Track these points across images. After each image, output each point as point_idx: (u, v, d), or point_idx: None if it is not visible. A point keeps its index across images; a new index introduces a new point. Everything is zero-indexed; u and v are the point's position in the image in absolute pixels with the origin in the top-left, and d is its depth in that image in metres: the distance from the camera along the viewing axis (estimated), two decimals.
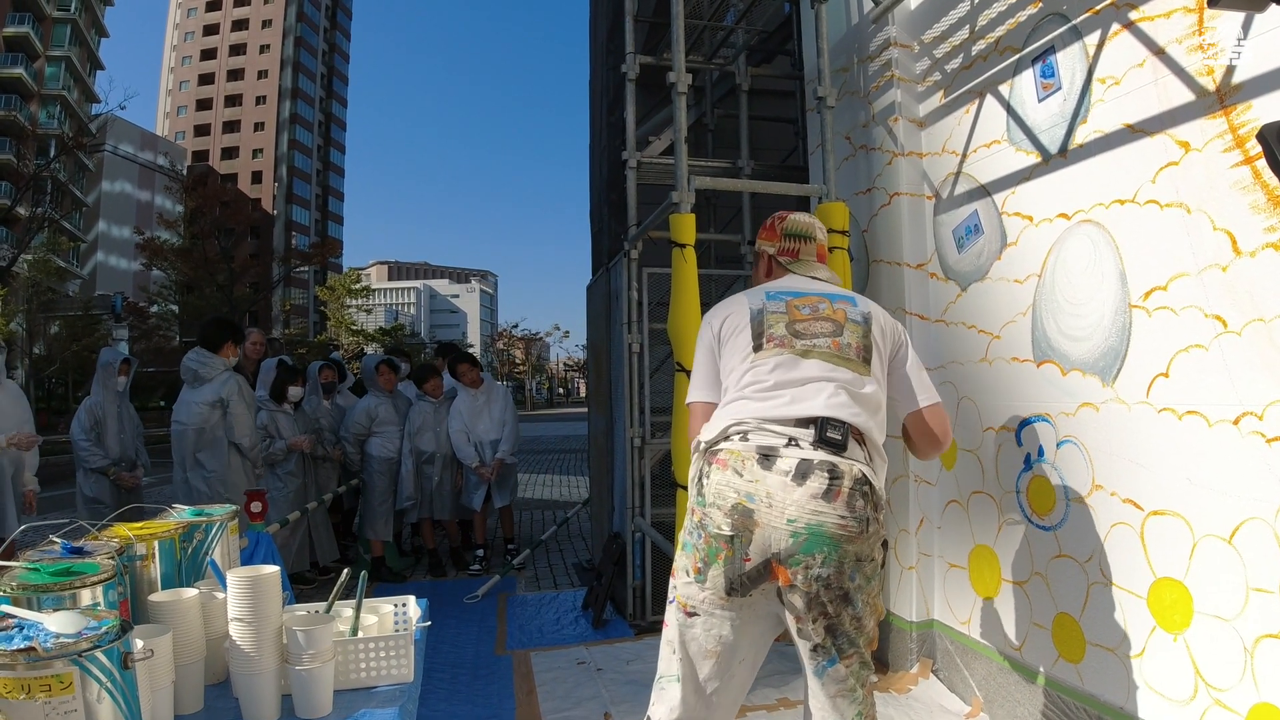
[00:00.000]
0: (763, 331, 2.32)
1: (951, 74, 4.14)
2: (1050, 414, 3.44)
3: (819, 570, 2.03)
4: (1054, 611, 3.43)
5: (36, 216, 30.76)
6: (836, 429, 2.11)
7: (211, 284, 39.36)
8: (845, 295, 2.49)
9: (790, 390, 2.19)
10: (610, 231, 6.77)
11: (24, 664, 1.30)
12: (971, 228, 3.96)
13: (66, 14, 49.96)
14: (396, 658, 1.90)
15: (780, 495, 2.04)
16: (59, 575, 1.65)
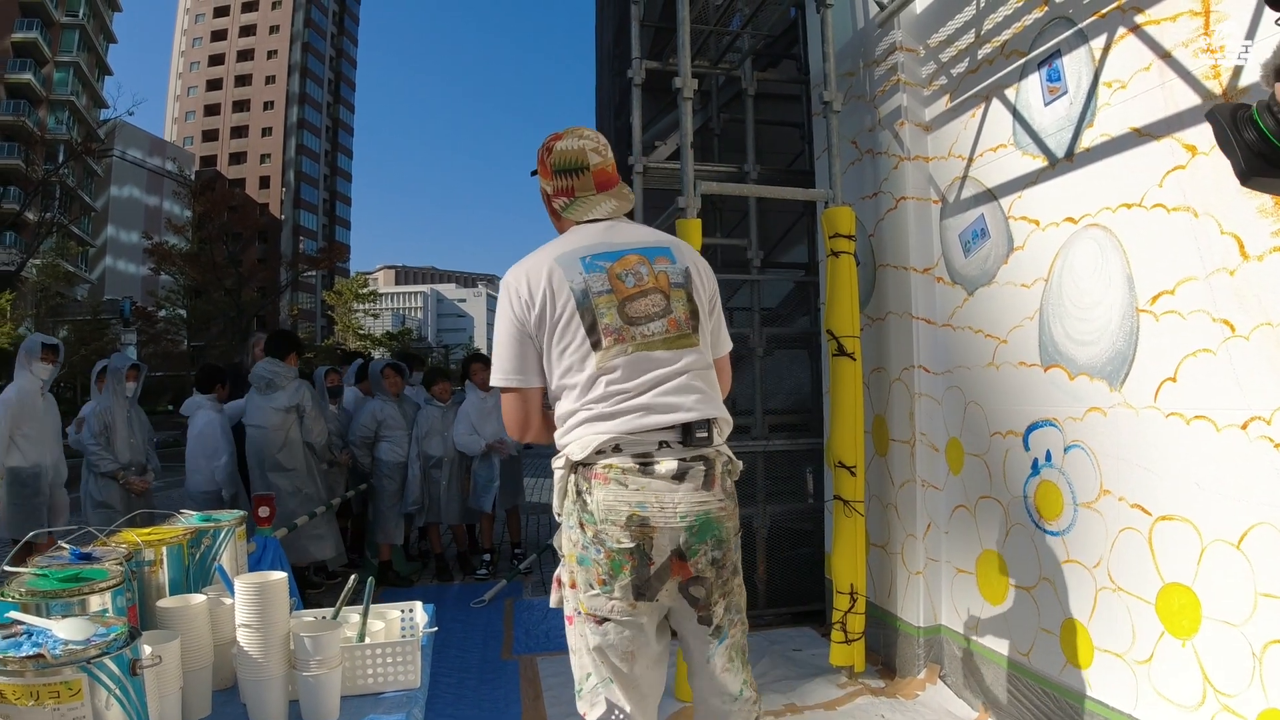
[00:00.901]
0: (595, 322, 2.20)
1: (957, 78, 4.14)
2: (1058, 419, 3.44)
3: (713, 553, 2.15)
4: (1062, 617, 3.42)
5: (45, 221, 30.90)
6: (701, 427, 2.18)
7: (220, 288, 39.44)
8: (657, 248, 2.34)
9: (647, 396, 2.17)
10: None
11: (32, 670, 1.31)
12: (978, 232, 3.96)
13: (75, 20, 50.10)
14: (404, 663, 1.90)
15: (668, 497, 2.10)
16: (67, 581, 1.66)
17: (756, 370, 5.76)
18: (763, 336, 5.75)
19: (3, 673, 1.31)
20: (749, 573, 5.51)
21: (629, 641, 2.17)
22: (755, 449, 5.61)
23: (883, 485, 4.60)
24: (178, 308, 42.66)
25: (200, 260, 39.96)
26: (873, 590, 4.61)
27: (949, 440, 4.22)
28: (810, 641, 5.08)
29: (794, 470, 5.92)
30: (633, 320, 2.20)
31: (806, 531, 5.76)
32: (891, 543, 4.53)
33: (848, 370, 4.28)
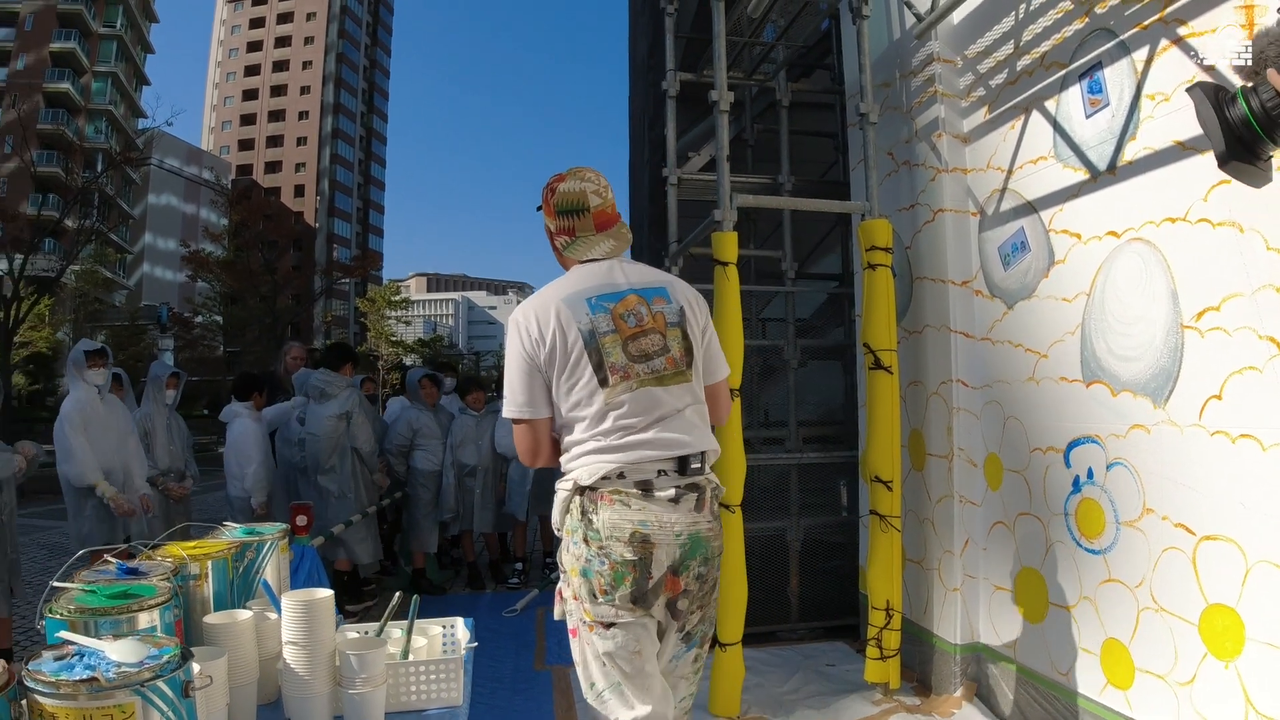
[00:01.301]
0: (602, 360, 2.38)
1: (996, 89, 4.11)
2: (1100, 435, 3.39)
3: (700, 569, 2.37)
4: (1102, 637, 3.37)
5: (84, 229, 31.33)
6: (695, 459, 2.40)
7: (255, 295, 39.76)
8: (655, 289, 2.51)
9: (651, 432, 2.36)
10: (651, 247, 6.78)
11: (86, 694, 1.31)
12: (1018, 245, 3.91)
13: (113, 30, 50.87)
14: (447, 681, 1.91)
15: (666, 517, 2.32)
16: (116, 598, 1.67)
17: (790, 382, 5.73)
18: (797, 348, 5.72)
19: (55, 696, 1.32)
20: (782, 585, 5.49)
21: (635, 641, 2.34)
22: (789, 461, 5.58)
23: (919, 500, 4.55)
24: (214, 314, 43.12)
25: (236, 267, 40.35)
26: (908, 606, 4.56)
27: (987, 455, 4.18)
28: (844, 657, 5.04)
29: (827, 483, 5.88)
30: (635, 358, 2.39)
31: (839, 544, 5.72)
32: (928, 559, 4.48)
33: (885, 384, 4.25)
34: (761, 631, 5.17)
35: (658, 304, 2.47)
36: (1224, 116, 2.63)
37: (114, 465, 5.36)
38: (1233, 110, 2.61)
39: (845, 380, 6.08)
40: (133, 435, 5.58)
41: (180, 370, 6.48)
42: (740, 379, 4.11)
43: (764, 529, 5.48)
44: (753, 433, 5.47)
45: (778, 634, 5.44)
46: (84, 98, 48.21)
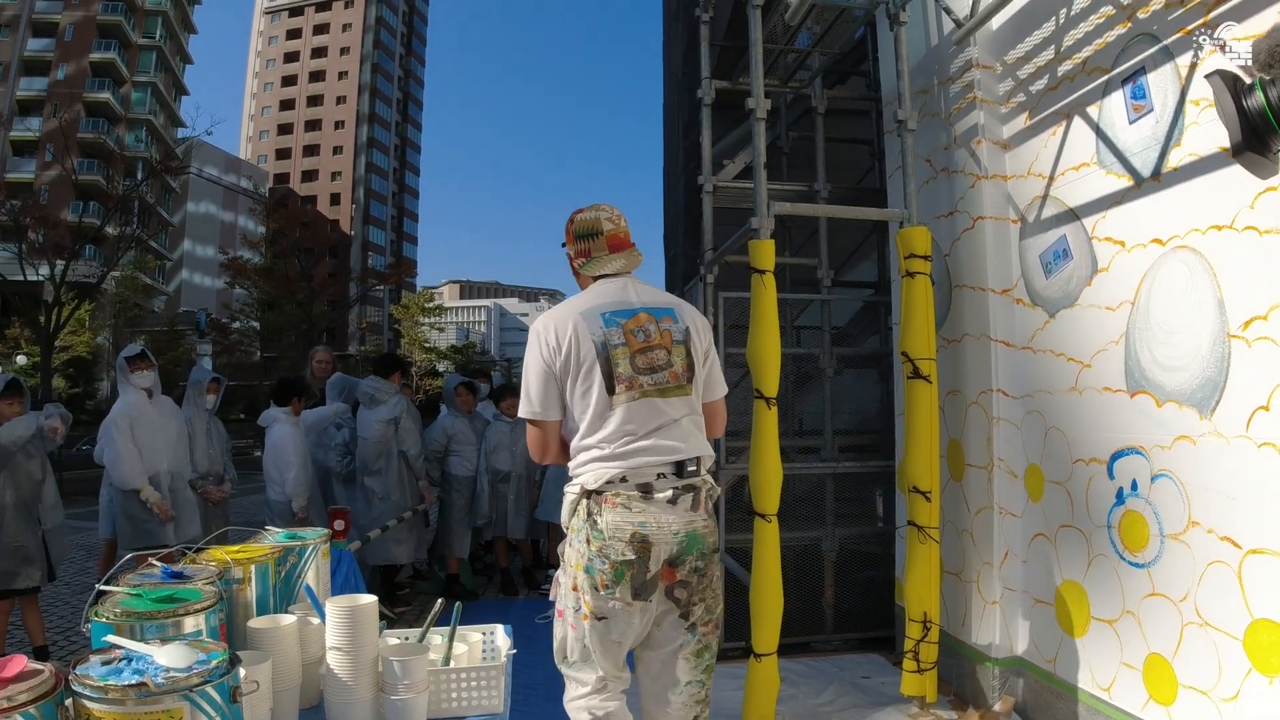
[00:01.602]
0: (612, 370, 2.62)
1: (1036, 95, 4.06)
2: (1144, 446, 3.33)
3: (696, 563, 2.58)
4: (1145, 651, 3.31)
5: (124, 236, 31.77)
6: (691, 463, 2.61)
7: (291, 301, 40.19)
8: (664, 309, 2.75)
9: (650, 440, 2.59)
10: (686, 255, 6.76)
11: (134, 699, 1.32)
12: (1060, 252, 3.86)
13: (152, 41, 51.75)
14: (488, 688, 1.91)
15: (664, 517, 2.55)
16: (162, 602, 1.68)
17: (826, 391, 5.68)
18: (833, 356, 5.67)
19: (103, 700, 1.32)
20: (817, 596, 5.44)
21: (620, 634, 2.62)
22: (825, 470, 5.54)
23: (958, 511, 4.50)
24: (251, 320, 43.62)
25: (274, 274, 40.83)
26: (946, 619, 4.50)
27: (1028, 466, 4.12)
28: (879, 669, 4.98)
29: (863, 492, 5.83)
30: (641, 371, 2.63)
31: (875, 555, 5.66)
32: (966, 571, 4.42)
33: (923, 393, 4.20)
34: (796, 642, 5.13)
35: (665, 323, 2.71)
36: (1241, 106, 2.61)
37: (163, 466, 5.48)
38: (1250, 100, 2.59)
39: (881, 389, 6.02)
40: (184, 437, 5.69)
41: (220, 375, 6.58)
42: (777, 387, 4.08)
43: (799, 539, 5.44)
44: (788, 441, 5.43)
45: (812, 645, 5.40)
46: (124, 107, 49.07)
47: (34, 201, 31.56)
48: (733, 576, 5.14)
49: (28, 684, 1.30)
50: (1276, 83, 2.44)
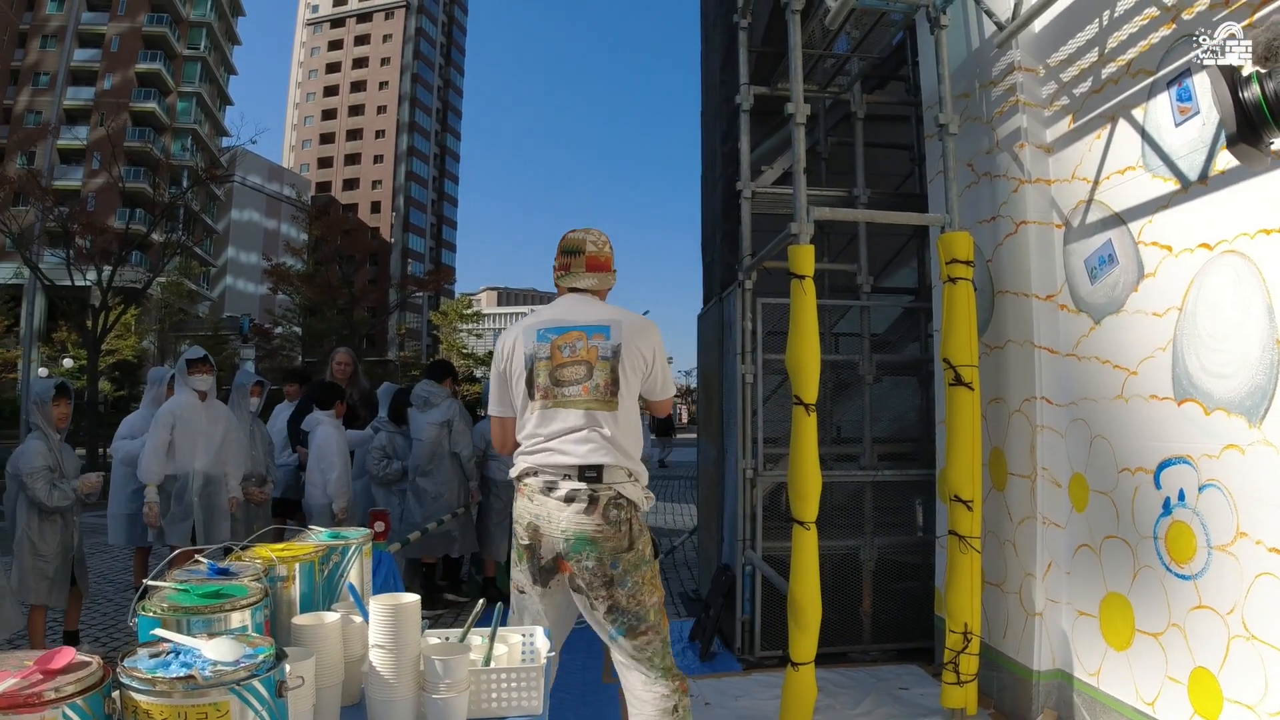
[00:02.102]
0: (534, 381, 2.98)
1: (1080, 98, 4.00)
2: (1192, 456, 3.26)
3: (587, 563, 2.84)
4: (1191, 665, 3.24)
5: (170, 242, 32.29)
6: (592, 469, 2.87)
7: (333, 308, 40.62)
8: (600, 326, 3.00)
9: (555, 442, 2.92)
10: (723, 261, 6.74)
11: (181, 691, 1.32)
12: (1105, 258, 3.79)
13: (196, 52, 52.79)
14: (527, 689, 1.91)
15: (556, 514, 2.86)
16: (208, 597, 1.69)
17: (866, 398, 5.63)
18: (872, 363, 5.62)
19: (151, 693, 1.32)
20: (854, 605, 5.38)
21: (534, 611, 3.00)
22: (863, 479, 5.49)
23: (999, 521, 4.43)
24: (293, 325, 44.17)
25: (316, 281, 41.33)
26: (987, 630, 4.43)
27: (1072, 476, 4.05)
28: (917, 680, 4.92)
29: (902, 501, 5.77)
30: (558, 383, 2.96)
31: (914, 565, 5.59)
32: (1008, 582, 4.35)
33: (965, 401, 4.14)
34: (833, 652, 5.07)
35: (596, 339, 2.98)
36: (1238, 98, 2.60)
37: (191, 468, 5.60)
38: (1247, 92, 2.59)
39: (921, 396, 5.96)
40: (233, 441, 5.79)
41: (264, 379, 6.69)
42: (816, 394, 4.05)
43: (837, 547, 5.39)
44: (825, 449, 5.39)
45: (849, 655, 5.34)
46: (170, 117, 50.04)
47: (81, 208, 32.17)
48: (770, 585, 5.10)
49: (75, 675, 1.31)
50: (1273, 76, 2.45)
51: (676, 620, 6.50)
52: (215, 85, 55.73)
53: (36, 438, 5.03)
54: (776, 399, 5.89)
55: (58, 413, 5.10)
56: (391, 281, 54.00)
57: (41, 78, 47.69)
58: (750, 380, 5.37)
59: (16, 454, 5.02)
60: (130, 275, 29.28)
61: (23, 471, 4.90)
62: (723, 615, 5.58)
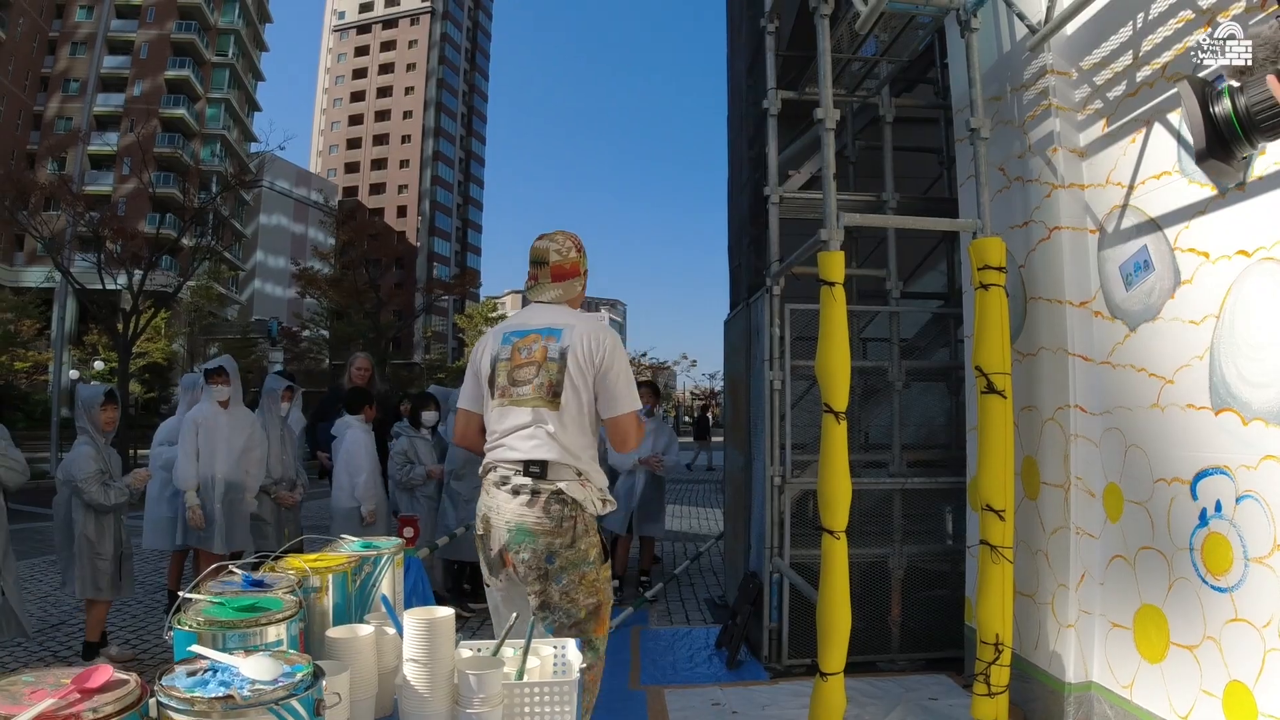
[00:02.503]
0: (495, 380, 3.13)
1: (1114, 102, 3.94)
2: (1229, 466, 3.20)
3: (523, 555, 2.96)
4: (1226, 679, 3.19)
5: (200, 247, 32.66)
6: (536, 465, 2.99)
7: (360, 311, 40.92)
8: (553, 329, 3.12)
9: (508, 439, 3.05)
10: (750, 267, 6.71)
11: (220, 712, 1.32)
12: (1141, 264, 3.74)
13: (225, 59, 53.44)
14: (561, 704, 1.89)
15: (503, 505, 3.00)
16: (244, 611, 1.69)
17: (895, 405, 5.58)
18: (901, 369, 5.57)
19: (190, 713, 1.32)
20: (882, 614, 5.33)
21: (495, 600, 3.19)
22: (892, 486, 5.44)
23: (1032, 531, 4.37)
24: (321, 328, 44.52)
25: (343, 284, 41.65)
26: (1018, 641, 4.37)
27: (1107, 485, 3.98)
28: (946, 690, 4.86)
29: (930, 509, 5.72)
30: (514, 382, 3.08)
31: (943, 574, 5.54)
32: (1040, 592, 4.30)
33: (997, 408, 4.07)
34: (861, 661, 5.02)
35: (549, 341, 3.09)
36: (1209, 113, 2.59)
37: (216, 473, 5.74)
38: (1218, 107, 2.58)
39: (950, 403, 5.91)
40: (255, 449, 5.86)
41: (295, 384, 6.74)
42: (846, 401, 4.02)
43: (865, 555, 5.34)
44: (854, 456, 5.36)
45: (878, 664, 5.29)
46: (199, 123, 50.69)
47: (112, 213, 32.59)
48: (798, 593, 5.07)
49: (113, 694, 1.30)
50: (1245, 90, 2.42)
51: (703, 626, 6.48)
52: (243, 91, 56.33)
53: (85, 442, 5.18)
54: (804, 405, 5.85)
55: (105, 417, 5.26)
56: (417, 285, 54.28)
57: (71, 84, 48.46)
58: (778, 386, 5.34)
59: (69, 461, 5.17)
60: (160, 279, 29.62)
61: (77, 477, 5.05)
62: (750, 623, 5.55)
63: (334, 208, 59.00)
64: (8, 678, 1.36)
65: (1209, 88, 2.62)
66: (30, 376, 35.31)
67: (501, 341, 3.19)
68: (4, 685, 1.33)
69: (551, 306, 3.25)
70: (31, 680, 1.34)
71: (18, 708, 1.23)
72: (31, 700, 1.25)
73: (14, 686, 1.32)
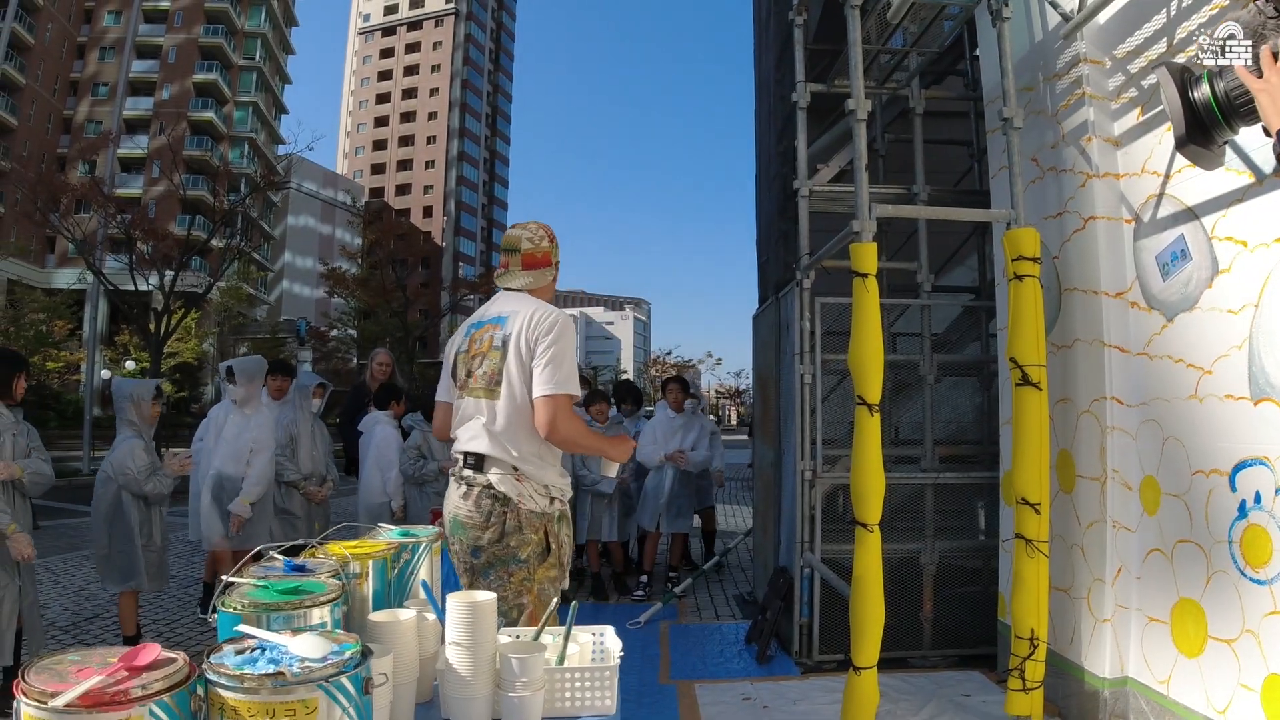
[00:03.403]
0: (456, 370, 3.16)
1: (1149, 90, 3.89)
2: (1269, 457, 3.16)
3: (454, 546, 3.01)
4: (1265, 672, 3.14)
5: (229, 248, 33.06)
6: (473, 457, 3.01)
7: (387, 310, 41.25)
8: (500, 317, 3.10)
9: (458, 431, 3.09)
10: (780, 261, 6.69)
11: (270, 688, 1.32)
12: (1178, 253, 3.69)
13: (252, 62, 54.02)
14: (601, 689, 1.91)
15: (451, 496, 3.07)
16: (288, 593, 1.70)
17: (927, 398, 5.54)
18: (933, 363, 5.53)
19: (239, 689, 1.32)
20: (914, 610, 5.31)
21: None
22: (924, 481, 5.40)
23: (1067, 525, 4.32)
24: (349, 328, 44.86)
25: (370, 284, 42.00)
26: (1053, 637, 4.32)
27: (1144, 478, 3.94)
28: (979, 687, 4.82)
29: (962, 504, 5.67)
30: (469, 373, 3.10)
31: (975, 570, 5.50)
32: (1076, 587, 4.25)
33: (1033, 401, 4.03)
34: (893, 657, 4.99)
35: (495, 330, 3.08)
36: (1187, 98, 2.60)
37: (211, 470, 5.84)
38: (1197, 92, 2.64)
39: (982, 397, 5.86)
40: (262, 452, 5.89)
41: (326, 381, 6.78)
42: (879, 393, 3.99)
43: (898, 550, 5.30)
44: (886, 451, 5.33)
45: (910, 660, 5.26)
46: (227, 125, 51.30)
47: (142, 215, 33.01)
48: (829, 589, 5.05)
49: (162, 672, 1.31)
50: (1224, 76, 2.43)
51: (732, 623, 6.47)
52: (271, 94, 56.86)
53: (132, 436, 5.23)
54: (834, 399, 5.83)
55: (155, 410, 5.36)
56: (443, 284, 54.63)
57: (101, 88, 49.11)
58: (809, 380, 5.32)
59: (119, 456, 5.18)
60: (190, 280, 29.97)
61: (133, 470, 5.10)
62: (780, 618, 5.53)
63: (360, 209, 59.46)
64: (54, 656, 1.37)
65: (1187, 74, 2.64)
66: (62, 376, 35.80)
67: (464, 333, 3.21)
68: (50, 664, 1.34)
69: (515, 295, 3.19)
70: (78, 659, 1.36)
71: (64, 685, 1.24)
72: (79, 678, 1.26)
73: (60, 665, 1.34)
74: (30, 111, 44.02)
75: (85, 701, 1.21)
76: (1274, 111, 1.88)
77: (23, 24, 42.67)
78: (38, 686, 1.24)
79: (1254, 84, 1.97)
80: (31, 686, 1.24)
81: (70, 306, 36.48)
